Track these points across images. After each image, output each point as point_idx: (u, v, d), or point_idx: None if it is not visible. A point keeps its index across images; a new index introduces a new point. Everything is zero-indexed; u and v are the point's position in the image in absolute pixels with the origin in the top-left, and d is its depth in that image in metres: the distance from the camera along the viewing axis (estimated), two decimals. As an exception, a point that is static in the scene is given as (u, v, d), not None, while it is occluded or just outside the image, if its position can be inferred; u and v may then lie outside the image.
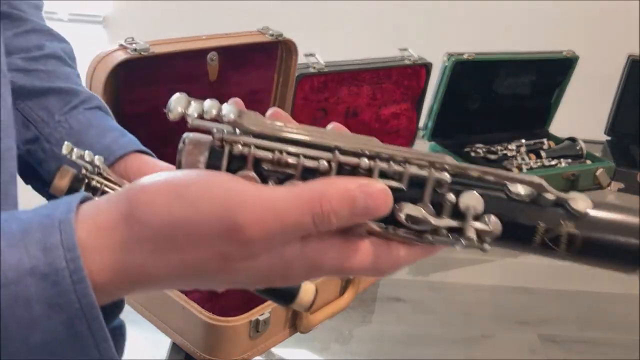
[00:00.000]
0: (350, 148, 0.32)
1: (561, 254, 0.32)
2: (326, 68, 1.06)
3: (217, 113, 0.31)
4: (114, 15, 1.96)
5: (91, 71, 0.71)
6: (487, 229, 0.31)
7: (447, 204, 0.32)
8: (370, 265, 0.32)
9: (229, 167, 0.31)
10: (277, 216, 0.29)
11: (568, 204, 0.32)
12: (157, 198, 0.29)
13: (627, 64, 1.34)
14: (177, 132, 0.91)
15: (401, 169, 0.32)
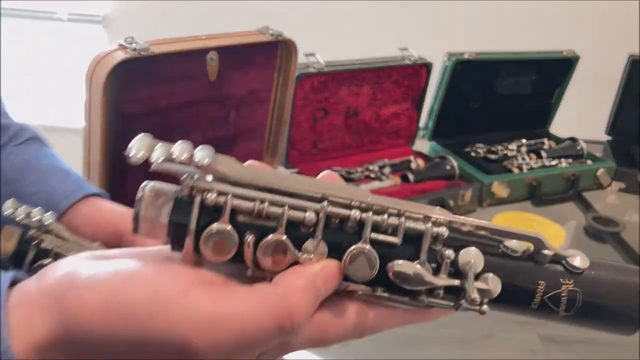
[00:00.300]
0: (340, 198, 0.29)
1: (560, 314, 0.31)
2: (326, 68, 1.05)
3: (189, 158, 0.27)
4: (113, 15, 1.96)
5: (91, 71, 0.71)
6: (486, 288, 0.29)
7: (446, 261, 0.29)
8: (351, 334, 0.29)
9: (200, 219, 0.28)
10: (240, 338, 0.25)
11: (567, 261, 0.31)
12: (96, 315, 0.25)
13: (628, 64, 1.33)
14: (178, 132, 0.92)
15: (396, 222, 0.29)
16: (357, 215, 0.29)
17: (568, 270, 0.31)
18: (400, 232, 0.29)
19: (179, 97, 0.82)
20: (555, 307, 0.30)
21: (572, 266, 0.31)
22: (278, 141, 1.01)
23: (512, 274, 0.30)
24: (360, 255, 0.29)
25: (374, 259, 0.29)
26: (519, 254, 0.31)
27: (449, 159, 1.15)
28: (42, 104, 2.12)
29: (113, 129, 0.77)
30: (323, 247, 0.29)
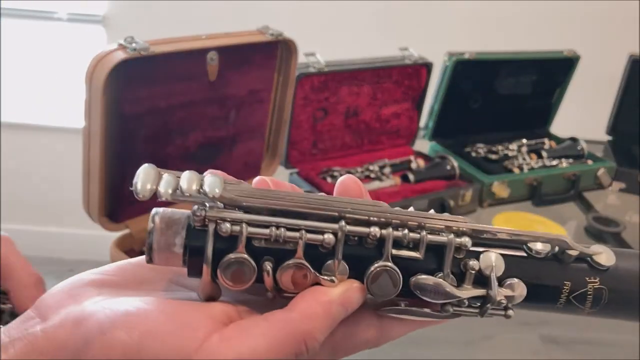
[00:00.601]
0: (358, 216, 0.28)
1: (585, 311, 0.31)
2: (326, 67, 1.05)
3: (198, 188, 0.27)
4: (113, 15, 1.96)
5: (90, 71, 0.71)
6: (512, 294, 0.29)
7: (470, 271, 0.29)
8: (365, 346, 0.30)
9: (215, 249, 0.27)
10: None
11: (592, 259, 0.30)
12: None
13: (629, 64, 1.33)
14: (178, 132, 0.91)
15: (417, 236, 0.29)
16: (376, 232, 0.28)
17: (594, 268, 0.30)
18: (422, 246, 0.29)
19: (179, 97, 0.82)
20: (581, 305, 0.30)
21: (597, 264, 0.30)
22: (278, 141, 1.00)
23: (537, 275, 0.30)
24: (382, 273, 0.28)
25: (397, 277, 0.28)
26: (543, 255, 0.30)
27: (449, 159, 1.14)
28: (42, 104, 2.12)
29: (113, 128, 0.76)
30: (344, 267, 0.28)
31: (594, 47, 1.57)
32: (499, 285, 0.29)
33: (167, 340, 0.26)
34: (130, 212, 0.84)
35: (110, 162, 0.78)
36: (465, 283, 0.29)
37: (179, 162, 0.87)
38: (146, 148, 0.82)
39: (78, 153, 0.78)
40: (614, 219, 1.11)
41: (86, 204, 0.80)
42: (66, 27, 2.03)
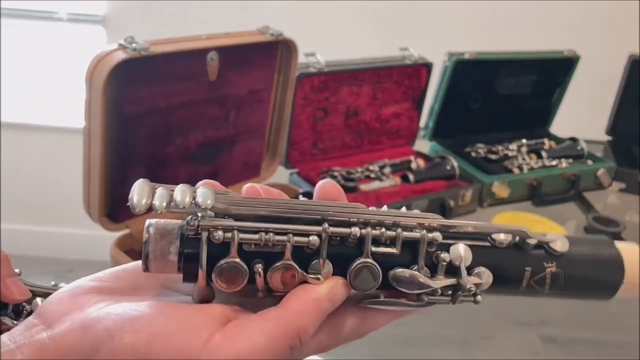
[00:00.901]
0: (339, 218, 0.31)
1: (544, 293, 0.34)
2: (326, 68, 1.05)
3: (191, 201, 0.29)
4: (113, 15, 1.96)
5: (90, 71, 0.71)
6: (480, 282, 0.32)
7: (441, 263, 0.32)
8: (350, 338, 0.32)
9: (209, 255, 0.29)
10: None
11: (549, 246, 0.34)
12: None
13: (628, 64, 1.33)
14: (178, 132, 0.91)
15: (393, 233, 0.32)
16: (357, 232, 0.31)
17: (550, 254, 0.34)
18: (398, 242, 0.32)
19: (179, 97, 0.82)
20: (541, 288, 0.34)
21: (553, 250, 0.34)
22: (278, 141, 1.01)
23: (501, 262, 0.33)
24: (363, 269, 0.31)
25: (377, 271, 0.31)
26: (506, 245, 0.33)
27: (449, 159, 1.14)
28: (42, 104, 2.12)
29: (113, 128, 0.77)
30: (329, 265, 0.31)
31: (594, 47, 1.57)
32: (468, 274, 0.32)
33: (174, 341, 0.27)
34: (130, 212, 0.83)
35: (111, 162, 0.78)
36: (438, 274, 0.32)
37: (179, 162, 0.87)
38: (146, 148, 0.82)
39: (78, 153, 0.78)
40: (614, 219, 1.11)
41: (86, 204, 0.80)
42: (66, 27, 2.03)
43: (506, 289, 0.34)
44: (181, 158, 0.87)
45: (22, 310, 0.46)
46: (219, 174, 0.94)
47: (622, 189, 1.24)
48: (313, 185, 1.05)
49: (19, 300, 0.45)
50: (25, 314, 0.46)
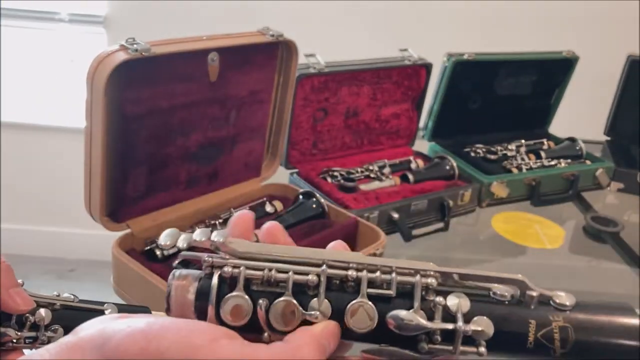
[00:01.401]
0: (338, 262, 0.33)
1: (556, 354, 0.32)
2: (326, 68, 1.06)
3: (207, 239, 0.33)
4: (114, 16, 1.96)
5: (92, 71, 0.72)
6: (479, 329, 0.32)
7: (438, 306, 0.32)
8: None
9: (219, 290, 0.32)
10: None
11: (553, 300, 0.33)
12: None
13: (627, 64, 1.34)
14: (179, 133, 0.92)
15: (388, 277, 0.33)
16: (353, 275, 0.32)
17: (555, 308, 0.32)
18: (393, 285, 0.32)
19: (180, 98, 0.82)
20: (550, 345, 0.32)
21: (558, 304, 0.33)
22: (278, 141, 1.01)
23: (503, 317, 0.32)
24: (359, 308, 0.32)
25: (372, 310, 0.32)
26: (508, 298, 0.33)
27: (448, 159, 1.15)
28: (43, 104, 2.12)
29: (114, 129, 0.77)
30: (327, 305, 0.32)
31: (593, 48, 1.58)
32: (466, 322, 0.32)
33: (182, 331, 0.29)
34: (131, 212, 0.84)
35: (112, 162, 0.79)
36: (435, 319, 0.32)
37: (180, 162, 0.87)
38: (147, 148, 0.82)
39: (79, 153, 0.78)
40: (613, 218, 1.11)
41: (87, 204, 0.80)
42: (67, 28, 2.03)
43: (512, 345, 0.32)
44: (182, 158, 0.87)
45: (26, 321, 0.46)
46: (219, 174, 0.94)
47: (620, 188, 1.25)
48: (313, 185, 1.05)
49: (23, 311, 0.45)
50: (29, 325, 0.46)
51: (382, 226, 0.95)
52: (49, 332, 0.47)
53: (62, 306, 0.49)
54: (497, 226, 1.11)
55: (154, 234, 0.85)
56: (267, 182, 1.02)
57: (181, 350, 0.28)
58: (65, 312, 0.48)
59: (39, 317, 0.46)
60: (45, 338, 0.46)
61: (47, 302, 0.48)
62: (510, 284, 0.33)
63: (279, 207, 0.97)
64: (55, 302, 0.48)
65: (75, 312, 0.49)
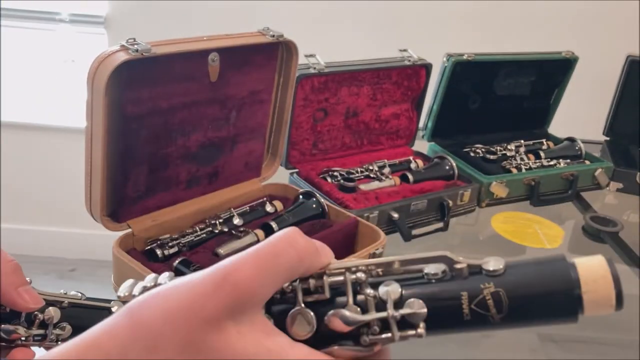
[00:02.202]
0: None
1: (495, 319, 0.32)
2: (326, 68, 1.06)
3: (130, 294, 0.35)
4: (115, 16, 1.96)
5: (92, 72, 0.72)
6: (412, 311, 0.32)
7: (369, 299, 0.33)
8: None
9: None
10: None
11: (482, 268, 0.33)
12: (155, 309, 0.31)
13: (626, 65, 1.34)
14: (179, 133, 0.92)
15: (321, 281, 0.33)
16: (288, 287, 0.34)
17: (487, 275, 0.33)
18: (326, 288, 0.33)
19: (180, 98, 0.82)
20: (487, 312, 0.32)
21: (488, 270, 0.33)
22: (278, 141, 1.01)
23: (434, 295, 0.33)
24: (297, 315, 0.33)
25: (310, 316, 0.33)
26: (439, 276, 0.33)
27: (448, 159, 1.15)
28: (43, 104, 2.13)
29: (115, 129, 0.77)
30: (269, 318, 0.33)
31: (592, 48, 1.58)
32: (399, 308, 0.32)
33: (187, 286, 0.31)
34: (132, 212, 0.84)
35: (112, 162, 0.79)
36: (369, 311, 0.33)
37: (180, 162, 0.87)
38: (148, 148, 0.82)
39: (79, 153, 0.78)
40: (612, 218, 1.11)
41: (88, 204, 0.80)
42: (68, 29, 2.04)
43: (449, 320, 0.33)
44: (182, 158, 0.87)
45: (35, 319, 0.46)
46: (219, 174, 0.95)
47: (619, 188, 1.25)
48: (313, 185, 1.06)
49: (32, 309, 0.46)
50: (38, 323, 0.46)
51: (382, 226, 0.96)
52: (58, 329, 0.47)
53: (69, 304, 0.49)
54: (497, 226, 1.11)
55: (155, 233, 0.85)
56: (267, 182, 1.02)
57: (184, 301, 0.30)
58: (73, 310, 0.49)
59: (48, 315, 0.46)
60: (54, 336, 0.47)
61: (55, 300, 0.48)
62: (438, 262, 0.34)
63: (279, 207, 0.97)
64: (63, 300, 0.49)
65: (82, 310, 0.49)
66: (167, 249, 0.83)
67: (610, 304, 0.31)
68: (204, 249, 0.85)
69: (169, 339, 0.29)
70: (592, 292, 0.31)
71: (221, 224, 0.90)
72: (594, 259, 0.32)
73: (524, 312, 0.32)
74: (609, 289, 0.31)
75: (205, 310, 0.29)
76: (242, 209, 0.94)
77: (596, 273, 0.31)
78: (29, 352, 0.46)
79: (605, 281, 0.31)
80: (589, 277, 0.31)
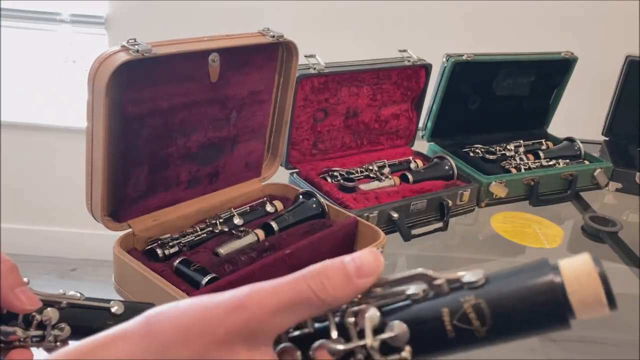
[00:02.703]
0: None
1: (480, 333, 0.31)
2: (326, 69, 1.06)
3: None
4: (116, 17, 1.96)
5: (93, 72, 0.72)
6: (393, 334, 0.31)
7: (349, 326, 0.32)
8: None
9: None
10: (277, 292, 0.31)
11: (461, 281, 0.32)
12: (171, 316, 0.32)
13: (625, 65, 1.34)
14: (179, 133, 0.92)
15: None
16: None
17: (469, 288, 0.31)
18: (309, 322, 0.33)
19: (181, 98, 0.83)
20: (469, 326, 0.31)
21: (467, 283, 0.32)
22: (278, 142, 1.01)
23: (415, 315, 0.32)
24: (283, 352, 0.33)
25: (294, 351, 0.33)
26: (421, 296, 0.32)
27: (447, 159, 1.15)
28: (44, 104, 2.13)
29: (115, 129, 0.77)
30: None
31: (592, 49, 1.58)
32: (379, 333, 0.32)
33: (202, 303, 0.32)
34: (132, 212, 0.85)
35: (113, 162, 0.79)
36: (352, 339, 0.32)
37: (181, 162, 0.88)
38: (148, 148, 0.83)
39: (79, 153, 0.79)
40: (611, 218, 1.12)
41: (89, 204, 0.80)
42: (69, 29, 2.04)
43: (434, 340, 0.32)
44: (183, 158, 0.88)
45: (33, 320, 0.46)
46: (220, 174, 0.95)
47: (619, 188, 1.25)
48: (313, 185, 1.06)
49: (29, 310, 0.45)
50: (36, 324, 0.46)
51: (382, 226, 0.96)
52: (56, 330, 0.47)
53: (68, 304, 0.49)
54: (496, 226, 1.11)
55: (155, 233, 0.86)
56: (267, 182, 1.02)
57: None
58: (71, 311, 0.48)
59: (46, 316, 0.46)
60: (52, 337, 0.46)
61: (53, 301, 0.48)
62: (415, 280, 0.33)
63: (279, 207, 0.97)
64: (61, 301, 0.48)
65: (81, 310, 0.49)
66: (167, 248, 0.83)
67: (600, 303, 0.29)
68: (204, 248, 0.85)
69: (179, 352, 0.30)
70: (578, 293, 0.29)
71: (221, 223, 0.90)
72: (578, 258, 0.30)
73: (510, 322, 0.31)
74: (596, 287, 0.29)
75: (217, 331, 0.30)
76: (242, 209, 0.94)
77: (580, 272, 0.30)
78: (27, 353, 0.46)
79: (590, 279, 0.29)
80: (572, 278, 0.29)
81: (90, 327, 0.48)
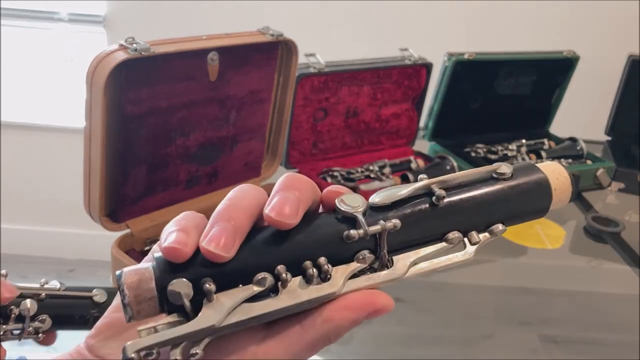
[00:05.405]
0: None
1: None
2: (326, 68, 1.06)
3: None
4: (114, 16, 1.96)
5: (91, 71, 0.71)
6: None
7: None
8: None
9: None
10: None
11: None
12: None
13: (628, 64, 1.34)
14: (178, 132, 0.91)
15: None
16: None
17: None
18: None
19: (180, 97, 0.82)
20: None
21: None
22: (278, 141, 1.01)
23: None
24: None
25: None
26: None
27: (449, 159, 1.15)
28: (43, 104, 2.12)
29: (114, 128, 0.77)
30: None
31: (594, 48, 1.58)
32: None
33: None
34: (130, 212, 0.84)
35: (111, 162, 0.79)
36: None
37: (180, 162, 0.87)
38: (147, 148, 0.82)
39: (78, 153, 0.78)
40: (613, 218, 1.11)
41: (87, 204, 0.80)
42: (67, 28, 2.03)
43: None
44: (182, 158, 0.87)
45: (11, 313, 0.46)
46: (219, 174, 0.94)
47: (621, 188, 1.25)
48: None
49: (6, 299, 0.45)
50: (14, 318, 0.46)
51: (383, 226, 0.95)
52: (36, 322, 0.46)
53: (47, 295, 0.48)
54: (498, 226, 1.10)
55: (154, 234, 0.85)
56: (267, 182, 1.02)
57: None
58: (52, 301, 0.48)
59: (23, 307, 0.46)
60: (32, 329, 0.46)
61: (32, 294, 0.48)
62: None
63: (279, 207, 0.96)
64: (40, 292, 0.48)
65: (62, 300, 0.49)
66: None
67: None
68: (203, 249, 0.85)
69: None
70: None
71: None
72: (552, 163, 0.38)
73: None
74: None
75: None
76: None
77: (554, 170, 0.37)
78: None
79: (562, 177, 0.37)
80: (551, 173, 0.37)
81: (72, 317, 0.48)
